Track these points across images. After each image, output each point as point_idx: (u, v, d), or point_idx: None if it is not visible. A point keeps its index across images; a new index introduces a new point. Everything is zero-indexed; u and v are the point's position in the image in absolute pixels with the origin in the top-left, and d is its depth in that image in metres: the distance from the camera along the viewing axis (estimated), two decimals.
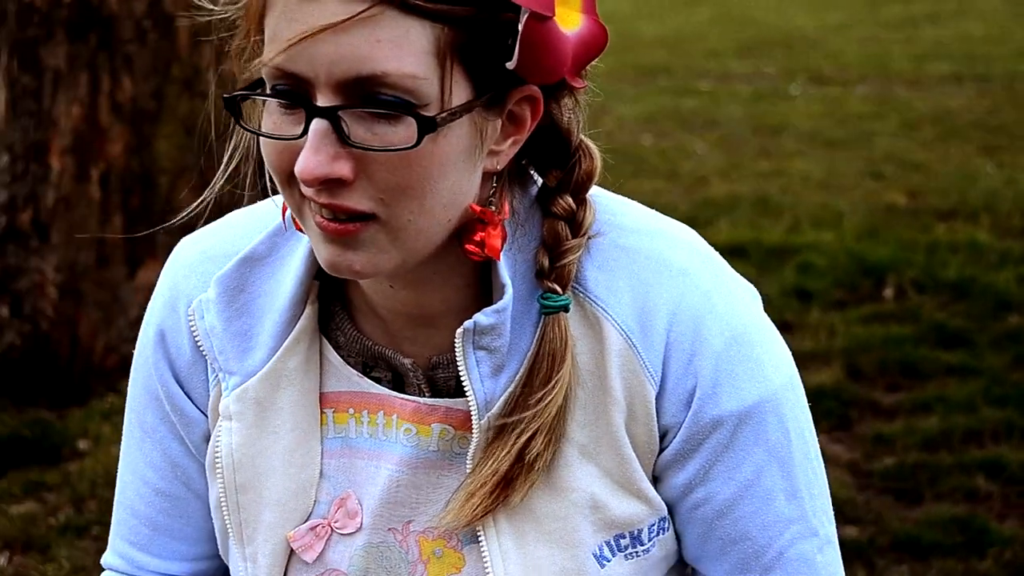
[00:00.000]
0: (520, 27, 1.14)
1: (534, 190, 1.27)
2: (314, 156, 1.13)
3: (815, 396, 4.13)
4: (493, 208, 1.22)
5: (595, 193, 1.29)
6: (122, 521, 1.42)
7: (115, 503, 1.43)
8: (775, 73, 9.89)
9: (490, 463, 1.24)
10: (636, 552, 1.30)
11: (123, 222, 4.27)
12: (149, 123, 4.27)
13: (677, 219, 4.83)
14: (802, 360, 4.52)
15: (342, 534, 1.31)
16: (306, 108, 1.14)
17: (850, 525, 3.59)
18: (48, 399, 4.21)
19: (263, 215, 1.34)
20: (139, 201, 4.28)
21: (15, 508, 3.66)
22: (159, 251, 4.21)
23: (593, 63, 1.24)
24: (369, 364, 1.31)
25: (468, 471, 1.26)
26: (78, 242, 4.28)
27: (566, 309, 1.24)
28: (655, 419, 1.27)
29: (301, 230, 1.24)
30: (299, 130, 1.15)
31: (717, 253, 1.32)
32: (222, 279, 1.31)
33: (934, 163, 7.16)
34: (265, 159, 1.20)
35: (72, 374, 4.26)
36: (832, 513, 1.34)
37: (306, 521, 1.32)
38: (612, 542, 1.29)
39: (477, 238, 1.22)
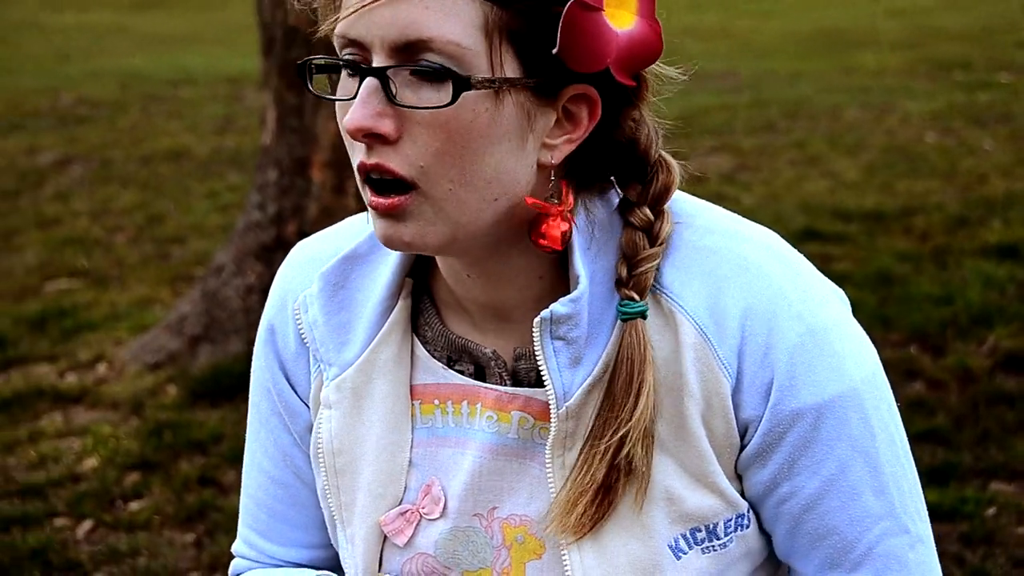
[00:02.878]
0: (564, 10, 1.21)
1: (615, 202, 1.33)
2: (360, 109, 1.21)
3: None
4: (555, 201, 1.28)
5: (675, 196, 1.33)
6: (246, 508, 1.53)
7: (242, 490, 1.54)
8: None
9: (587, 472, 1.29)
10: (713, 546, 1.32)
11: None
12: None
13: (941, 219, 4.72)
14: None
15: (429, 519, 1.38)
16: (359, 70, 1.22)
17: None
18: None
19: (366, 217, 1.42)
20: None
21: None
22: None
23: (877, 60, 1.25)
24: (453, 357, 1.37)
25: (547, 461, 1.31)
26: None
27: (643, 316, 1.28)
28: (732, 413, 1.29)
29: None
30: (354, 91, 1.23)
31: (800, 255, 1.34)
32: (325, 274, 1.39)
33: None
34: (341, 129, 1.28)
35: None
36: (925, 512, 1.34)
37: (397, 507, 1.39)
38: (688, 535, 1.31)
39: (542, 230, 1.27)
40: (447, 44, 1.20)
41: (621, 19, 1.24)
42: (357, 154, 1.25)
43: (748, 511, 1.34)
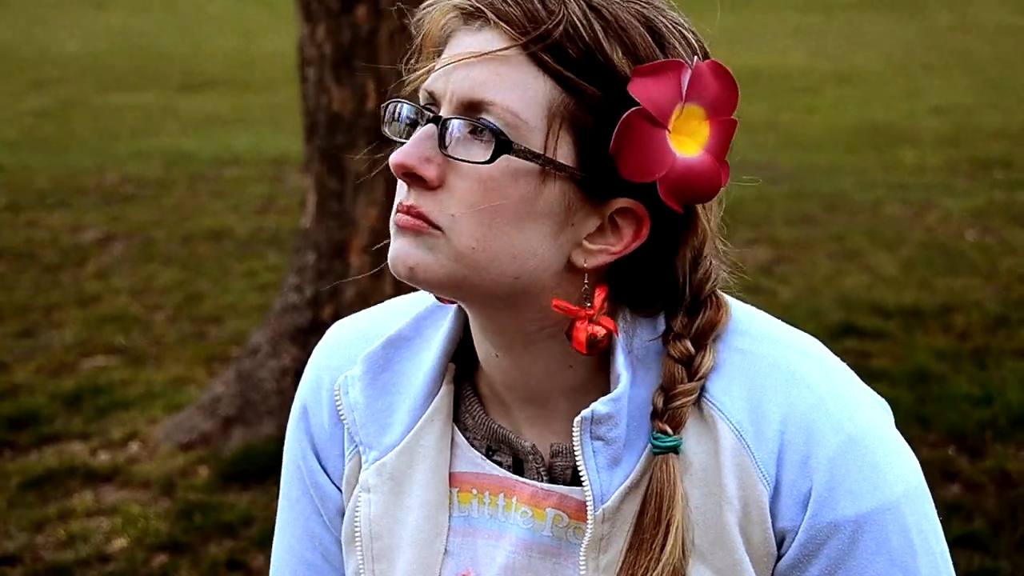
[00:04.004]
0: (624, 115, 1.24)
1: (661, 326, 1.33)
2: (410, 148, 1.27)
3: None
4: (586, 304, 1.29)
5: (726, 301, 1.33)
6: None
7: (271, 569, 1.52)
8: None
9: None
10: None
11: None
12: None
13: (980, 318, 4.69)
14: None
15: None
16: (427, 114, 1.28)
17: None
18: None
19: (412, 301, 1.44)
20: None
21: None
22: None
23: (918, 156, 1.28)
24: (492, 447, 1.37)
25: (581, 563, 1.30)
26: None
27: (676, 451, 1.28)
28: (770, 522, 1.28)
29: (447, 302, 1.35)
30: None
31: (841, 363, 1.34)
32: (368, 357, 1.40)
33: None
34: None
35: None
36: None
37: None
38: None
39: (568, 332, 1.29)
40: (506, 111, 1.24)
41: (686, 146, 1.26)
42: (399, 195, 1.28)
43: None
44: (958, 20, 16.88)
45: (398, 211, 1.28)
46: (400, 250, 1.28)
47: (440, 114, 1.26)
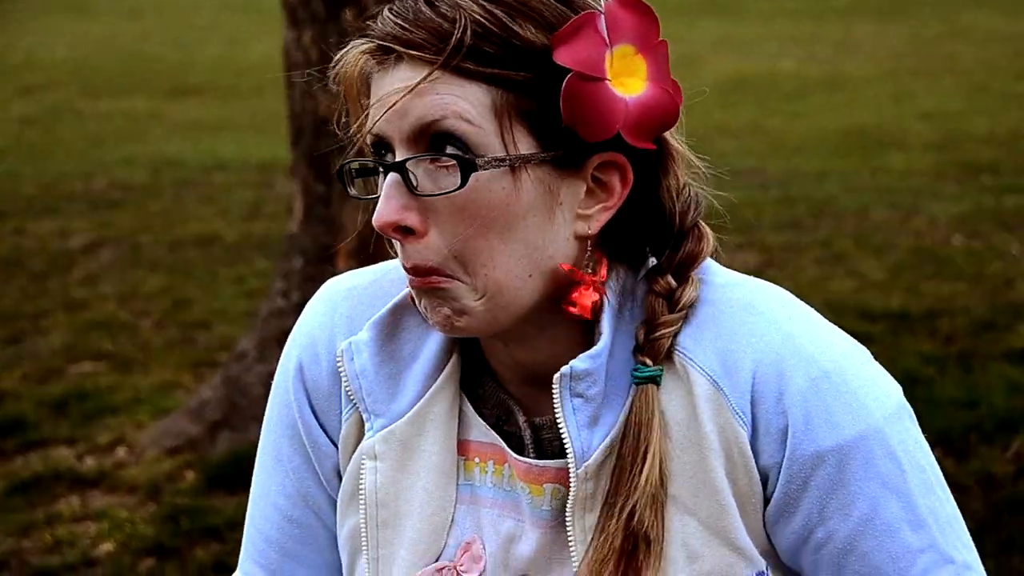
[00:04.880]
0: (563, 86, 1.25)
1: (646, 268, 1.35)
2: (385, 205, 1.27)
3: None
4: (589, 270, 1.30)
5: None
6: (253, 544, 1.50)
7: (246, 526, 1.52)
8: None
9: (604, 539, 1.29)
10: None
11: None
12: None
13: (966, 322, 4.69)
14: None
15: None
16: (382, 166, 1.28)
17: None
18: None
19: None
20: None
21: None
22: None
23: (905, 161, 1.30)
24: (503, 417, 1.38)
25: (567, 523, 1.31)
26: None
27: (656, 382, 1.29)
28: (752, 462, 1.29)
29: None
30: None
31: (809, 307, 1.35)
32: (377, 323, 1.40)
33: None
34: None
35: None
36: (969, 539, 1.33)
37: (435, 562, 1.38)
38: None
39: (572, 298, 1.29)
40: (458, 121, 1.25)
41: (629, 86, 1.27)
42: (399, 254, 1.30)
43: (768, 569, 1.33)
44: (947, 27, 16.93)
45: (411, 282, 1.29)
46: (431, 310, 1.30)
47: (395, 160, 1.26)
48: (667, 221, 1.33)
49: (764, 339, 1.30)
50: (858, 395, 1.30)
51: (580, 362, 1.30)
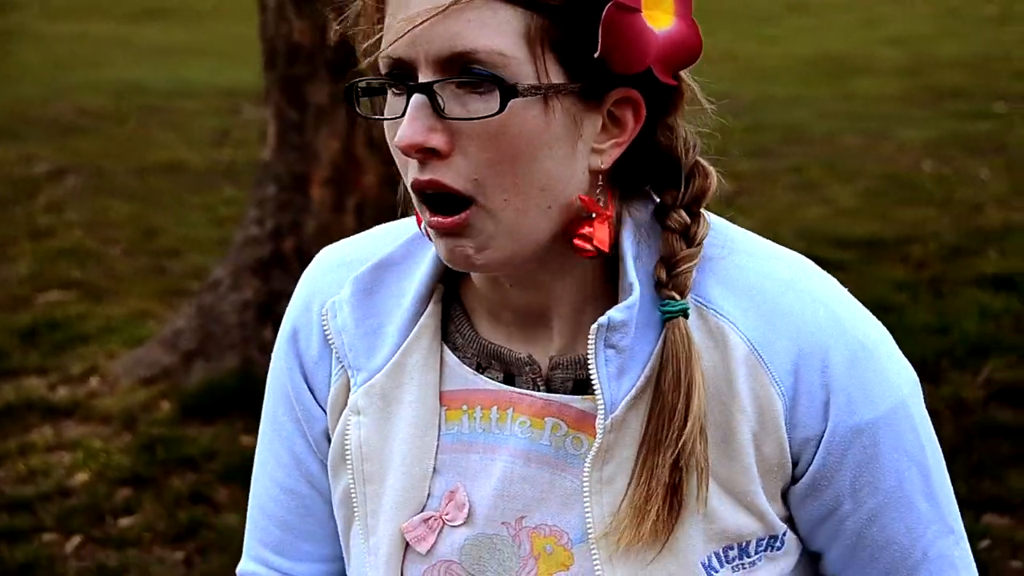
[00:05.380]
0: (603, 14, 1.22)
1: (651, 209, 1.34)
2: (410, 126, 1.22)
3: None
4: (601, 204, 1.29)
5: (713, 221, 1.34)
6: (256, 523, 1.50)
7: (249, 504, 1.51)
8: None
9: (649, 477, 1.28)
10: (743, 564, 1.32)
11: None
12: None
13: (937, 248, 4.72)
14: None
15: (453, 526, 1.36)
16: (408, 89, 1.24)
17: None
18: None
19: (403, 225, 1.43)
20: None
21: None
22: None
23: (875, 87, 1.28)
24: (483, 363, 1.37)
25: (585, 474, 1.30)
26: None
27: (685, 314, 1.28)
28: (786, 435, 1.30)
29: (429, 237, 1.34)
30: (403, 108, 1.24)
31: (835, 280, 1.36)
32: (357, 279, 1.39)
33: None
34: (391, 148, 1.29)
35: None
36: (958, 509, 1.37)
37: (420, 513, 1.37)
38: (721, 553, 1.31)
39: (584, 231, 1.28)
40: (491, 54, 1.22)
41: (659, 20, 1.25)
42: (411, 172, 1.26)
43: (783, 535, 1.34)
44: None
45: (420, 186, 1.25)
46: (451, 248, 1.28)
47: (421, 80, 1.23)
48: (671, 158, 1.32)
49: (806, 312, 1.30)
50: (889, 371, 1.32)
51: (618, 312, 1.28)
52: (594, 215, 1.28)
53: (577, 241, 1.28)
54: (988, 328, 4.90)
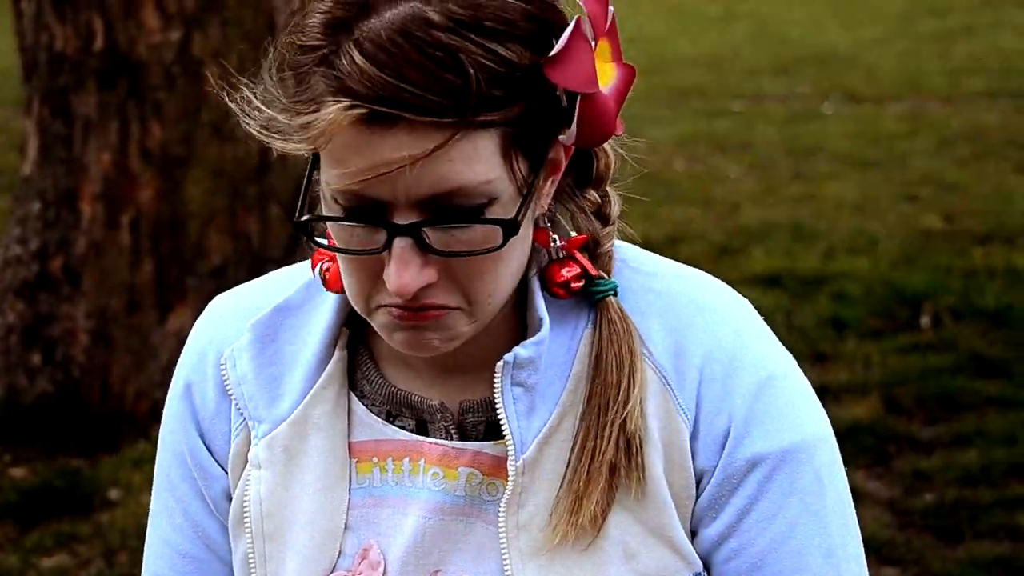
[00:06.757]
0: (576, 110, 1.18)
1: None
2: (405, 272, 1.17)
3: (851, 431, 4.09)
4: (555, 239, 1.26)
5: (619, 244, 1.32)
6: None
7: (143, 569, 1.42)
8: (809, 92, 9.84)
9: (589, 457, 1.24)
10: None
11: (154, 267, 4.28)
12: (179, 168, 4.28)
13: (705, 248, 4.80)
14: (838, 393, 4.54)
15: None
16: (387, 228, 1.17)
17: (890, 566, 3.54)
18: (79, 447, 4.22)
19: (299, 269, 1.36)
20: (169, 246, 4.29)
21: (46, 561, 3.67)
22: (189, 296, 4.21)
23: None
24: (393, 412, 1.31)
25: (500, 519, 1.26)
26: (109, 288, 4.29)
27: (615, 292, 1.26)
28: (691, 462, 1.26)
29: (335, 290, 1.28)
30: (377, 243, 1.18)
31: (750, 305, 1.33)
32: (256, 325, 1.33)
33: (970, 184, 7.09)
34: (341, 265, 1.23)
35: (103, 421, 4.27)
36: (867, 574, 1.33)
37: (332, 573, 1.31)
38: None
39: (561, 279, 1.25)
40: (479, 186, 1.16)
41: (605, 75, 1.20)
42: (385, 298, 1.20)
43: (703, 572, 1.30)
44: None
45: (401, 316, 1.20)
46: (413, 338, 1.21)
47: (399, 221, 1.16)
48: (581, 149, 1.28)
49: (714, 336, 1.27)
50: (797, 408, 1.28)
51: (524, 349, 1.24)
52: (556, 257, 1.25)
53: (567, 291, 1.25)
54: None
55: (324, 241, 1.25)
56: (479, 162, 1.15)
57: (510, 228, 1.17)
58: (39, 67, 4.35)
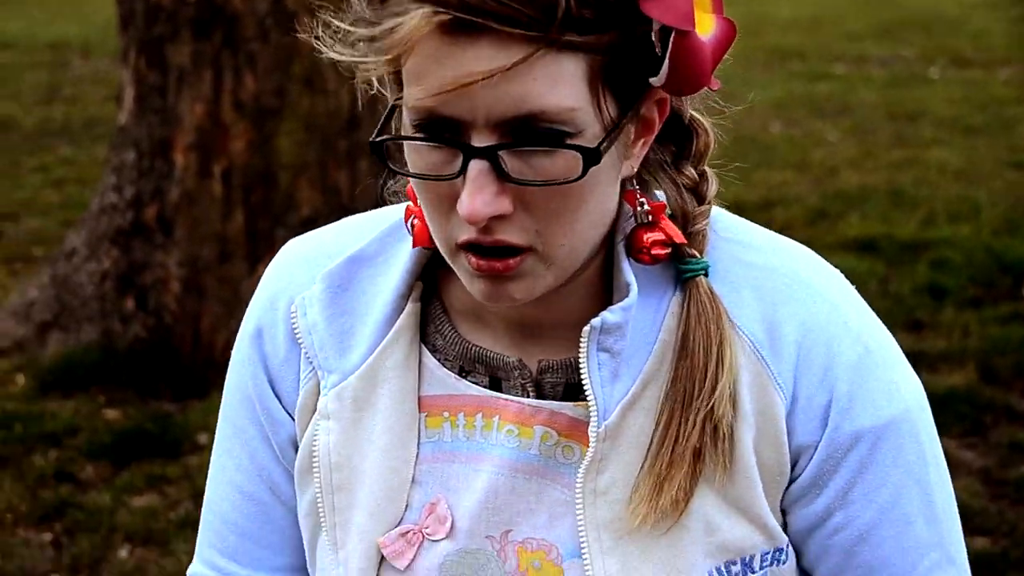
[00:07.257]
0: (669, 47, 1.14)
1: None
2: (479, 197, 1.13)
3: (946, 399, 4.02)
4: (643, 202, 1.23)
5: (713, 211, 1.27)
6: (210, 527, 1.40)
7: (203, 508, 1.42)
8: (914, 56, 9.67)
9: (672, 441, 1.22)
10: None
11: (244, 218, 4.29)
12: (271, 120, 4.29)
13: (801, 212, 4.72)
14: (934, 361, 4.46)
15: (433, 540, 1.28)
16: (463, 150, 1.14)
17: (982, 536, 3.48)
18: (171, 392, 4.27)
19: (376, 218, 1.34)
20: (260, 197, 4.30)
21: (137, 501, 3.72)
22: (278, 247, 4.22)
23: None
24: (466, 368, 1.29)
25: (578, 484, 1.23)
26: (201, 237, 4.32)
27: (706, 272, 1.23)
28: (786, 438, 1.24)
29: (420, 244, 1.26)
30: (453, 168, 1.15)
31: (843, 277, 1.30)
32: (329, 275, 1.30)
33: None
34: (418, 194, 1.20)
35: (194, 367, 4.31)
36: (963, 542, 1.31)
37: (397, 527, 1.29)
38: (723, 568, 1.25)
39: (647, 242, 1.22)
40: (562, 112, 1.12)
41: (703, 24, 1.17)
42: (463, 232, 1.16)
43: (787, 546, 1.27)
44: None
45: (478, 243, 1.16)
46: (492, 289, 1.19)
47: (477, 143, 1.13)
48: (674, 117, 1.24)
49: (812, 311, 1.24)
50: (896, 379, 1.26)
51: (612, 314, 1.21)
52: (642, 221, 1.22)
53: (649, 256, 1.22)
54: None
55: (399, 170, 1.21)
56: (563, 85, 1.12)
57: (591, 157, 1.13)
58: (136, 17, 4.37)
